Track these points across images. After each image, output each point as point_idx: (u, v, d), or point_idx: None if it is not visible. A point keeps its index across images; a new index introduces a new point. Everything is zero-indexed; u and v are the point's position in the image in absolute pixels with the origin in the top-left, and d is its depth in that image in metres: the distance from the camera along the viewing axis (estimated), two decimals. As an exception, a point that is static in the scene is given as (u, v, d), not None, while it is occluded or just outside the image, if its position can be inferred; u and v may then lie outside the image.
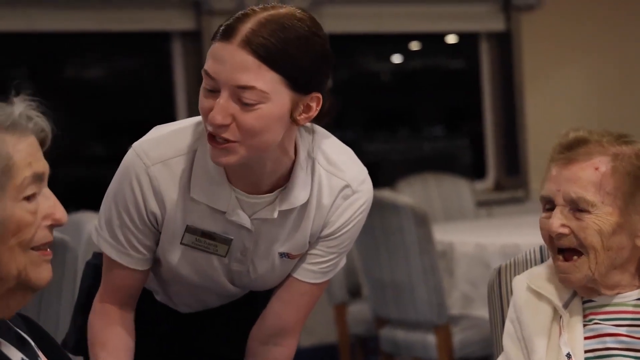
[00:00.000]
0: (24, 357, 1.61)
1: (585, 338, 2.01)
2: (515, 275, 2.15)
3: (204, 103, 1.88)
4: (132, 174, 1.99)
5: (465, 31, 6.45)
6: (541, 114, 6.41)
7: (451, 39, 6.61)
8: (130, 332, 2.12)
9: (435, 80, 6.63)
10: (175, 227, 2.03)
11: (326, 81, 1.92)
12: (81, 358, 2.28)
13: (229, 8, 5.14)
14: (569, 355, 1.99)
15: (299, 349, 2.22)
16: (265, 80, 1.83)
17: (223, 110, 1.84)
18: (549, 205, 2.02)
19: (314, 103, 1.90)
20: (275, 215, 2.01)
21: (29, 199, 1.55)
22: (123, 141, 5.76)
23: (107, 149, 5.85)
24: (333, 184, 2.05)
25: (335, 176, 2.05)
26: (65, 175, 5.35)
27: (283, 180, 2.01)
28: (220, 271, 2.09)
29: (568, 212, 1.98)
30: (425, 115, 6.72)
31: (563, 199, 1.98)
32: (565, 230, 1.97)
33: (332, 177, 2.05)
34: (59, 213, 1.59)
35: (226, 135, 1.86)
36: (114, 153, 5.79)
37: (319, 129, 2.06)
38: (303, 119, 1.91)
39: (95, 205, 4.61)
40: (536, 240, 2.25)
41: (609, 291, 2.02)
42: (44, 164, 1.59)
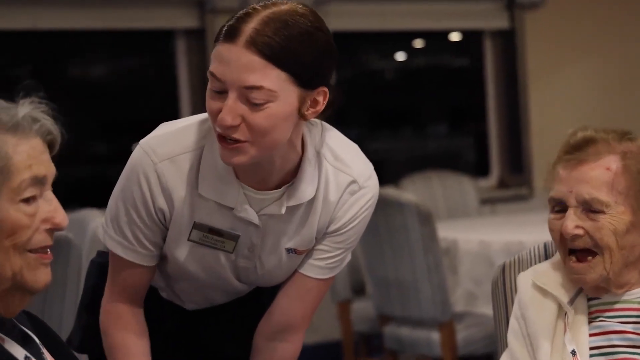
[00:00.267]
0: (28, 355, 1.61)
1: (591, 335, 2.01)
2: (519, 273, 2.15)
3: (212, 105, 1.88)
4: (140, 171, 1.99)
5: (469, 29, 6.44)
6: (545, 112, 6.41)
7: (455, 36, 6.60)
8: (146, 334, 2.13)
9: (439, 78, 6.62)
10: (183, 224, 2.03)
11: (331, 75, 1.93)
12: (86, 356, 2.28)
13: (232, 6, 5.13)
14: (573, 352, 1.99)
15: (302, 346, 2.22)
16: (272, 79, 1.83)
17: (232, 112, 1.84)
18: (559, 207, 2.01)
19: (321, 97, 1.91)
20: (283, 211, 2.01)
21: (28, 201, 1.54)
22: (126, 139, 5.76)
23: (111, 147, 5.84)
24: (340, 180, 2.05)
25: (342, 172, 2.05)
26: (69, 174, 5.35)
27: (290, 176, 2.01)
28: (227, 268, 2.09)
29: (581, 213, 1.97)
30: (429, 113, 6.71)
31: (575, 200, 1.97)
32: (580, 232, 1.97)
33: (339, 173, 2.05)
34: (59, 218, 1.58)
35: (236, 135, 1.86)
36: (118, 151, 5.78)
37: (325, 125, 2.06)
38: (311, 114, 1.92)
39: (99, 203, 4.62)
40: (540, 237, 2.25)
41: (619, 289, 2.02)
42: (47, 168, 1.58)
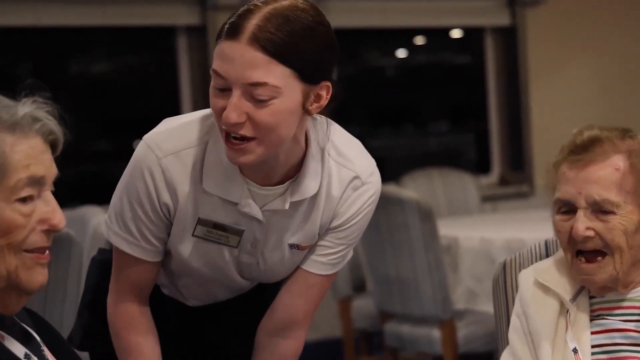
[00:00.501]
0: (28, 352, 1.61)
1: (593, 333, 2.01)
2: (520, 270, 2.15)
3: (216, 103, 1.88)
4: (144, 166, 1.99)
5: (470, 26, 6.44)
6: (546, 109, 6.40)
7: (456, 33, 6.60)
8: (156, 333, 2.13)
9: (440, 76, 6.62)
10: (187, 219, 2.03)
11: (334, 69, 1.93)
12: (87, 354, 2.28)
13: (233, 3, 5.13)
14: (575, 350, 1.99)
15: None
16: (276, 75, 1.83)
17: (237, 109, 1.84)
18: (566, 208, 2.00)
19: (324, 92, 1.91)
20: (287, 206, 2.01)
21: (24, 200, 1.54)
22: (128, 136, 5.76)
23: (112, 144, 5.84)
24: (342, 175, 2.05)
25: (344, 167, 2.05)
26: (71, 171, 5.35)
27: (294, 171, 2.02)
28: (230, 263, 2.09)
29: (590, 214, 1.97)
30: (430, 111, 6.71)
31: (585, 201, 1.96)
32: (591, 233, 1.96)
33: (342, 169, 2.05)
34: (57, 219, 1.57)
35: (242, 132, 1.86)
36: (119, 148, 5.79)
37: (329, 120, 2.06)
38: (314, 109, 1.92)
39: (100, 200, 4.62)
40: (541, 235, 2.26)
41: (624, 288, 2.02)
42: (47, 168, 1.57)
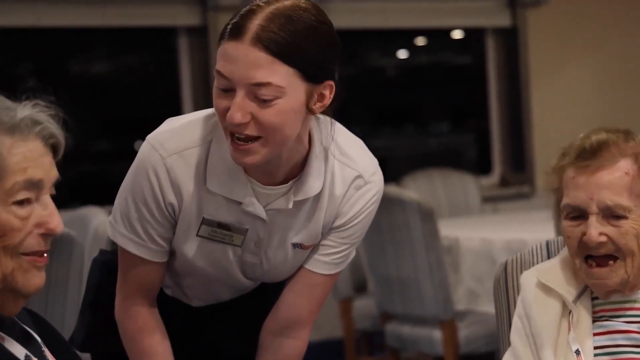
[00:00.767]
0: (28, 353, 1.61)
1: (595, 334, 2.01)
2: (521, 271, 2.14)
3: (220, 103, 1.88)
4: (149, 166, 1.99)
5: (471, 27, 6.44)
6: (547, 110, 6.40)
7: (457, 34, 6.60)
8: (166, 334, 2.14)
9: (441, 76, 6.62)
10: (191, 219, 2.03)
11: (336, 68, 1.93)
12: (88, 355, 2.28)
13: (234, 3, 5.13)
14: (577, 352, 1.98)
15: (305, 344, 2.22)
16: (280, 75, 1.84)
17: (241, 109, 1.84)
18: (576, 214, 1.99)
19: (327, 91, 1.91)
20: (290, 205, 2.02)
21: (21, 203, 1.53)
22: (128, 137, 5.76)
23: (113, 145, 5.85)
24: (345, 175, 2.06)
25: (347, 166, 2.06)
26: (71, 171, 5.35)
27: (297, 171, 2.02)
28: (234, 263, 2.09)
29: (602, 219, 1.96)
30: (431, 111, 6.71)
31: (597, 207, 1.96)
32: (604, 239, 1.96)
33: (345, 168, 2.06)
34: (54, 223, 1.56)
35: (247, 132, 1.86)
36: (120, 149, 5.79)
37: (332, 120, 2.06)
38: (318, 108, 1.92)
39: (101, 201, 4.62)
40: (542, 235, 2.26)
41: (630, 291, 2.02)
42: (46, 171, 1.56)
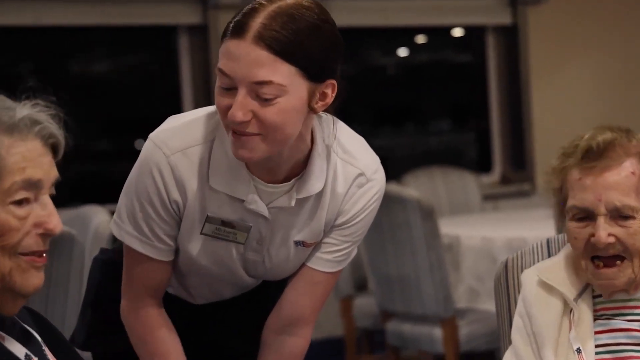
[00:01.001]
0: (29, 353, 1.61)
1: (596, 333, 2.01)
2: (522, 269, 2.14)
3: (222, 102, 1.88)
4: (153, 164, 1.99)
5: (472, 25, 6.44)
6: (547, 108, 6.40)
7: (457, 32, 6.60)
8: (176, 333, 2.13)
9: (441, 74, 6.62)
10: (195, 217, 2.03)
11: (338, 67, 1.93)
12: (89, 354, 2.28)
13: (235, 2, 5.12)
14: (579, 350, 1.98)
15: (305, 342, 2.22)
16: (281, 73, 1.84)
17: (243, 107, 1.84)
18: (583, 215, 1.98)
19: (329, 90, 1.91)
20: (293, 203, 2.02)
21: (20, 203, 1.53)
22: (129, 136, 5.76)
23: (113, 144, 5.85)
24: (347, 172, 2.06)
25: (349, 164, 2.06)
26: (72, 170, 5.35)
27: (299, 168, 2.02)
28: (237, 261, 2.09)
29: (610, 220, 1.96)
30: (432, 109, 6.71)
31: (605, 208, 1.95)
32: (612, 240, 1.96)
33: (347, 165, 2.06)
34: (52, 223, 1.56)
35: (249, 130, 1.87)
36: (120, 148, 5.79)
37: (334, 118, 2.06)
38: (320, 107, 1.93)
39: (101, 200, 4.62)
40: (542, 233, 2.26)
41: (634, 290, 2.01)
42: (45, 171, 1.56)
